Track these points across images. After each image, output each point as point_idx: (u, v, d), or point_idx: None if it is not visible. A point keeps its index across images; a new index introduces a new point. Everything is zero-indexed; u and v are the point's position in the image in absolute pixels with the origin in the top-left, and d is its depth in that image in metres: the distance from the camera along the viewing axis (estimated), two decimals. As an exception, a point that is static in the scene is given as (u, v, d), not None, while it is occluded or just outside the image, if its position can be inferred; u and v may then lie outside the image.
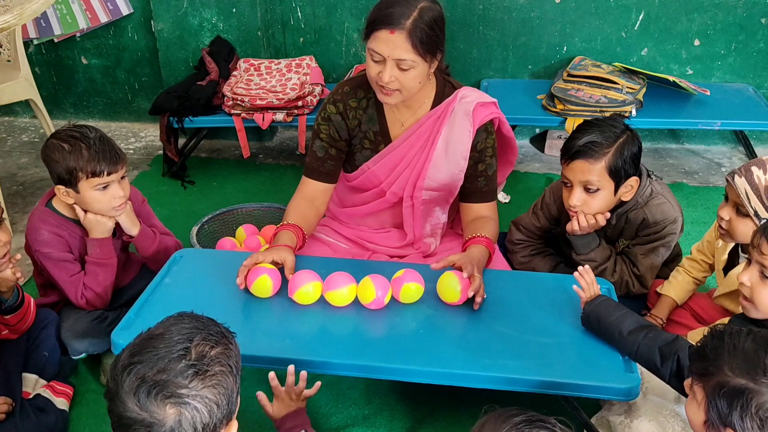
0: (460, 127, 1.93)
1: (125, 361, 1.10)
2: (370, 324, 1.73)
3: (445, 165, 1.97)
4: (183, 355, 1.09)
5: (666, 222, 2.01)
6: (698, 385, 1.18)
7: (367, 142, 2.02)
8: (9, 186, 3.23)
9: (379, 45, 1.76)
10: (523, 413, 1.06)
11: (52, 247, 1.98)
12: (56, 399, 1.92)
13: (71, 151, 1.87)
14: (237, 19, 3.36)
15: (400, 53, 1.74)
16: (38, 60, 3.73)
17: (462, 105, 1.94)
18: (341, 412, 1.97)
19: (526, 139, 3.66)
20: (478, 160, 1.99)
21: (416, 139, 1.97)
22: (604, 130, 1.91)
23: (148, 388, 1.06)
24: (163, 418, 1.05)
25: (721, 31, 3.27)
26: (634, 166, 1.94)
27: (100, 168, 1.88)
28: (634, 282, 2.07)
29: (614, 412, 1.69)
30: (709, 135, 3.55)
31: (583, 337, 1.66)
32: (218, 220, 2.64)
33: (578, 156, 1.90)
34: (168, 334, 1.12)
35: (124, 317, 1.73)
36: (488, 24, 3.38)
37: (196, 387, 1.07)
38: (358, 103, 1.99)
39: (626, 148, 1.90)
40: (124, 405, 1.06)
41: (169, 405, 1.06)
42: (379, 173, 2.03)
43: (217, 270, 1.91)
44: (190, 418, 1.06)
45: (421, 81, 1.83)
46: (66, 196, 1.94)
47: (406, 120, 1.99)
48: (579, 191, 1.94)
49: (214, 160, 3.54)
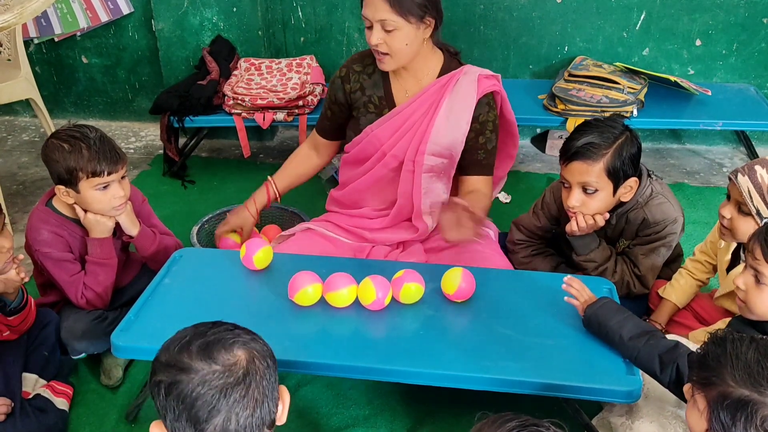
0: (464, 93, 2.02)
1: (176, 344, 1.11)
2: (371, 325, 1.73)
3: (446, 129, 2.03)
4: (224, 324, 1.14)
5: (666, 222, 2.00)
6: (700, 395, 1.17)
7: (372, 107, 2.10)
8: (9, 185, 3.22)
9: (365, 9, 1.91)
10: (516, 418, 1.05)
11: (52, 247, 1.97)
12: (56, 399, 1.92)
13: (71, 150, 1.87)
14: (238, 19, 3.36)
15: (380, 14, 1.87)
16: (38, 59, 3.73)
17: (467, 74, 2.04)
18: (342, 412, 1.96)
19: (527, 139, 3.66)
20: (480, 132, 2.05)
21: (420, 104, 2.05)
22: (603, 130, 1.91)
23: (211, 344, 1.08)
24: (237, 360, 1.08)
25: (723, 31, 3.26)
26: (633, 166, 1.93)
27: (101, 168, 1.88)
28: (635, 282, 2.06)
29: (615, 413, 1.68)
30: (711, 135, 3.54)
31: (584, 339, 1.65)
32: (219, 219, 2.63)
33: (576, 157, 1.90)
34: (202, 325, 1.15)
35: (124, 318, 1.73)
36: (489, 23, 3.38)
37: (247, 337, 1.12)
38: (363, 68, 2.11)
39: (625, 149, 1.90)
40: (191, 370, 1.05)
41: (237, 348, 1.09)
42: (381, 136, 2.09)
43: (217, 270, 1.91)
44: (260, 355, 1.10)
45: (408, 44, 1.92)
46: (66, 195, 1.93)
47: (410, 88, 2.08)
48: (577, 192, 1.94)
49: (214, 160, 3.54)
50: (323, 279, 1.77)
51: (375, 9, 1.87)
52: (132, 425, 1.92)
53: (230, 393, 1.05)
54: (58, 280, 2.01)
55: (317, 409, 1.97)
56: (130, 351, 1.68)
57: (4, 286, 1.82)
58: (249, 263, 1.91)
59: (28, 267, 2.08)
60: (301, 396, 2.01)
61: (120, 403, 2.00)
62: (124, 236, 2.09)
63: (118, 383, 2.05)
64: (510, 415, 1.06)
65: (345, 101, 2.14)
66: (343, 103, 2.14)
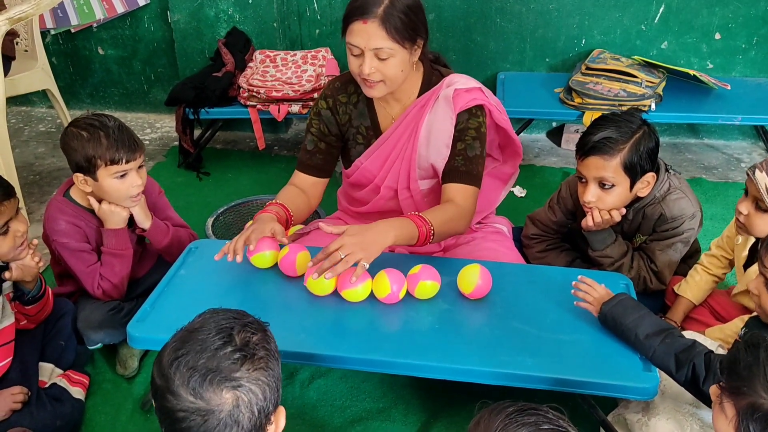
0: (443, 115, 1.91)
1: (170, 356, 1.08)
2: (385, 319, 1.72)
3: (427, 153, 1.93)
4: (228, 342, 1.09)
5: (684, 217, 1.98)
6: (729, 402, 1.14)
7: (360, 138, 2.02)
8: (26, 176, 3.25)
9: (354, 38, 1.75)
10: (515, 404, 1.05)
11: (70, 237, 1.99)
12: (72, 388, 1.93)
13: (90, 139, 1.88)
14: (253, 11, 3.35)
15: (375, 42, 1.73)
16: (55, 50, 3.75)
17: (445, 92, 1.91)
18: (356, 405, 1.96)
19: (543, 133, 3.64)
20: (458, 139, 1.92)
21: (403, 129, 1.96)
22: (620, 125, 1.88)
23: (201, 376, 1.05)
24: (221, 403, 1.04)
25: (743, 24, 3.22)
26: (650, 161, 1.90)
27: (119, 156, 1.89)
28: (652, 278, 2.05)
29: (631, 410, 1.67)
30: (729, 130, 3.50)
31: (600, 335, 1.64)
32: (233, 211, 2.64)
33: (593, 152, 1.88)
34: (207, 326, 1.12)
35: (140, 309, 1.74)
36: (506, 16, 3.35)
37: (247, 369, 1.07)
38: (348, 98, 1.99)
39: (642, 144, 1.87)
40: (178, 397, 1.05)
41: (225, 390, 1.05)
42: (372, 167, 2.02)
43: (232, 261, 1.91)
44: (247, 401, 1.06)
45: (403, 69, 1.81)
46: (84, 184, 1.94)
47: (395, 112, 1.98)
48: (594, 187, 1.92)
49: (229, 152, 3.54)
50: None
51: (368, 37, 1.73)
52: (147, 415, 1.93)
53: (209, 427, 1.05)
54: (75, 271, 2.02)
55: (331, 402, 1.97)
56: (146, 341, 1.69)
57: (22, 273, 1.83)
58: (289, 269, 1.83)
59: (45, 257, 2.10)
60: (314, 388, 2.01)
61: (135, 393, 2.02)
62: (138, 229, 2.09)
63: (134, 373, 2.07)
64: (508, 402, 1.06)
65: (339, 132, 2.02)
66: (338, 134, 2.02)
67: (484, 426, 1.04)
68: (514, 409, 1.03)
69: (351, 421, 1.91)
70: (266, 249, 1.82)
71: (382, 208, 2.09)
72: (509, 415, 1.03)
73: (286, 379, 2.03)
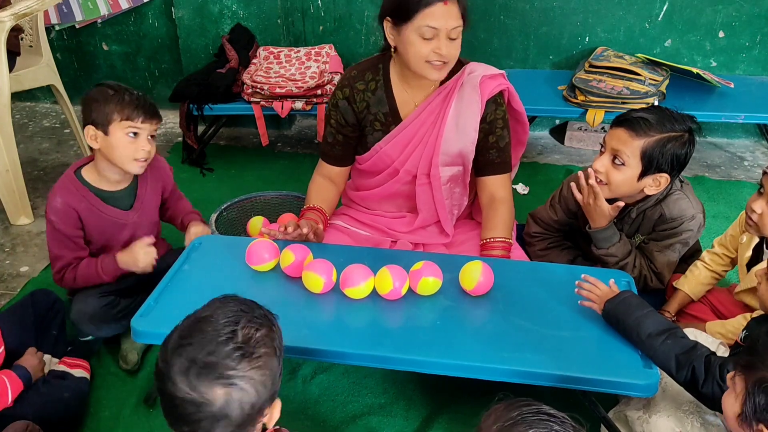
0: (469, 100, 1.96)
1: (175, 343, 1.13)
2: (388, 314, 1.73)
3: (456, 138, 1.98)
4: (230, 338, 1.13)
5: (683, 218, 1.98)
6: (740, 377, 1.18)
7: (378, 124, 2.04)
8: (30, 171, 3.26)
9: (435, 19, 1.78)
10: (533, 404, 1.05)
11: (59, 218, 2.00)
12: (72, 370, 1.94)
13: (115, 95, 1.93)
14: (257, 7, 3.36)
15: (455, 21, 1.79)
16: (60, 46, 3.76)
17: (470, 79, 1.97)
18: (357, 400, 1.97)
19: (546, 131, 3.64)
20: (489, 132, 2.00)
21: (427, 115, 2.00)
22: (664, 117, 1.89)
23: (198, 369, 1.09)
24: (213, 398, 1.09)
25: (747, 22, 3.22)
26: (671, 165, 1.89)
27: (137, 114, 1.93)
28: (652, 277, 2.05)
29: (632, 406, 1.68)
30: (732, 128, 3.50)
31: (601, 332, 1.65)
32: (237, 207, 2.64)
33: (624, 124, 1.89)
34: (215, 316, 1.16)
35: (144, 304, 1.75)
36: (509, 13, 3.36)
37: (243, 368, 1.11)
38: (365, 85, 2.02)
39: (671, 144, 1.86)
40: (175, 385, 1.10)
41: (218, 386, 1.09)
42: (391, 152, 2.05)
43: (236, 257, 1.92)
44: (237, 399, 1.10)
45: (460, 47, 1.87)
46: (93, 139, 1.96)
47: (416, 98, 2.01)
48: (606, 157, 1.93)
49: (233, 148, 3.55)
50: (341, 267, 1.77)
51: (449, 17, 1.78)
52: (151, 410, 1.94)
53: (201, 416, 1.10)
54: (49, 247, 2.04)
55: (333, 397, 1.98)
56: (150, 336, 1.70)
57: None
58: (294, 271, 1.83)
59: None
60: (317, 383, 2.02)
61: (140, 387, 2.03)
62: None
63: (135, 368, 2.08)
64: (527, 401, 1.06)
65: (356, 121, 2.05)
66: (355, 124, 2.06)
67: (494, 417, 1.06)
68: (530, 410, 1.04)
69: (353, 417, 1.92)
70: (267, 260, 1.85)
71: (395, 192, 2.12)
72: (522, 414, 1.03)
73: (288, 374, 2.04)
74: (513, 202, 2.07)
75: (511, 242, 2.03)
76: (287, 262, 1.81)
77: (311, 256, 1.83)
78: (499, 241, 1.99)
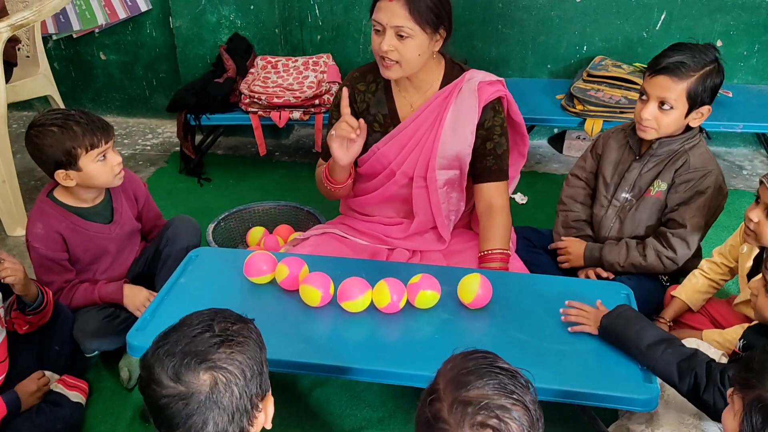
0: (467, 105, 1.97)
1: (152, 348, 1.12)
2: (385, 328, 1.72)
3: (453, 141, 1.99)
4: (207, 330, 1.12)
5: (705, 170, 2.01)
6: (738, 395, 1.18)
7: (377, 125, 2.06)
8: (27, 181, 3.25)
9: (378, 14, 1.84)
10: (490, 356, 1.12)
11: (42, 243, 2.00)
12: (69, 392, 1.93)
13: (63, 132, 1.89)
14: (255, 16, 3.36)
15: (397, 20, 1.81)
16: (57, 55, 3.76)
17: (468, 84, 1.99)
18: (355, 414, 1.96)
19: (545, 140, 3.63)
20: (486, 138, 2.01)
21: (425, 118, 2.01)
22: (695, 54, 1.93)
23: (179, 359, 1.07)
24: (199, 385, 1.06)
25: (744, 31, 3.22)
26: (711, 95, 1.96)
27: (97, 138, 1.92)
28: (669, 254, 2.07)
29: (635, 421, 1.66)
30: (730, 137, 3.50)
31: (600, 346, 1.63)
32: (234, 217, 2.64)
33: (664, 72, 1.93)
34: (188, 320, 1.15)
35: (140, 318, 1.74)
36: (507, 23, 3.36)
37: (225, 352, 1.09)
38: (366, 86, 2.05)
39: (710, 77, 1.93)
40: (159, 384, 1.07)
41: (202, 371, 1.07)
42: (389, 153, 2.06)
43: (233, 269, 1.91)
44: (225, 381, 1.08)
45: (421, 54, 1.87)
46: (67, 179, 1.95)
47: (414, 102, 2.03)
48: (653, 106, 1.97)
49: (230, 158, 3.55)
50: (339, 280, 1.76)
51: (392, 14, 1.81)
52: (146, 425, 1.93)
53: (191, 410, 1.06)
54: (37, 276, 2.04)
55: (330, 411, 1.97)
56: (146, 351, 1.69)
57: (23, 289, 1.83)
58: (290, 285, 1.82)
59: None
60: (314, 397, 2.01)
61: (136, 402, 2.01)
62: None
63: (133, 384, 2.06)
64: (482, 353, 1.13)
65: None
66: None
67: (451, 365, 1.13)
68: (484, 361, 1.10)
69: (350, 431, 1.91)
70: (266, 273, 1.84)
71: (392, 195, 2.12)
72: (477, 365, 1.09)
73: (285, 389, 2.02)
74: (510, 211, 2.08)
75: (509, 253, 2.03)
76: (282, 276, 1.80)
77: (306, 269, 1.82)
78: (497, 252, 1.98)
